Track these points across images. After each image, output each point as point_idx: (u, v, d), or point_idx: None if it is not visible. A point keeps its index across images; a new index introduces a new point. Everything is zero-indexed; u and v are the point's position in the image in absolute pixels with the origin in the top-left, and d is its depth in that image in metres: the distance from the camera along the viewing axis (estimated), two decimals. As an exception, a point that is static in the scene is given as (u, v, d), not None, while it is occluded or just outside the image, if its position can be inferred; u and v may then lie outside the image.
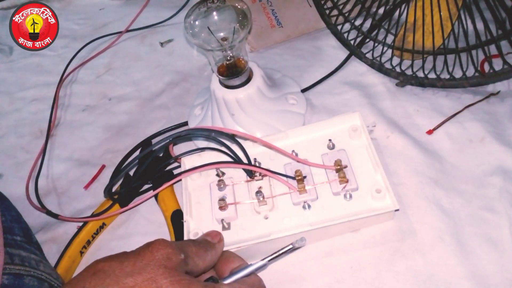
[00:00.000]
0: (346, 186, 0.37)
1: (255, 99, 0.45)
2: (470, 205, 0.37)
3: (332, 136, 0.41)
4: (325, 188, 0.38)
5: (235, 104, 0.45)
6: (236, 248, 0.36)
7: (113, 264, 0.29)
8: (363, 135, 0.40)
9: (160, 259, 0.29)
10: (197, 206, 0.41)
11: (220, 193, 0.40)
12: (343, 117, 0.42)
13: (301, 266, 0.37)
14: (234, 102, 0.44)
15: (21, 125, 0.58)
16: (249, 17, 0.43)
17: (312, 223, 0.36)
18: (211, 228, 0.38)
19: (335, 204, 0.37)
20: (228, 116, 0.45)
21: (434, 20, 0.45)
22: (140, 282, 0.28)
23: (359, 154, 0.39)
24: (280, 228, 0.37)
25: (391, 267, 0.35)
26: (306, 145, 0.42)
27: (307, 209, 0.37)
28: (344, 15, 0.52)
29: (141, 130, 0.52)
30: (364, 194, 0.37)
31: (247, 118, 0.45)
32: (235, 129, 0.44)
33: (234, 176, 0.41)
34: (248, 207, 0.39)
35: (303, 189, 0.38)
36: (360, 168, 0.39)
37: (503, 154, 0.40)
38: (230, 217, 0.39)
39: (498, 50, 0.42)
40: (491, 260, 0.34)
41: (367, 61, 0.51)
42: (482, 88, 0.46)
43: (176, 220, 0.41)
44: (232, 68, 0.44)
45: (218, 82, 0.45)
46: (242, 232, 0.38)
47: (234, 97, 0.44)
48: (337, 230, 0.37)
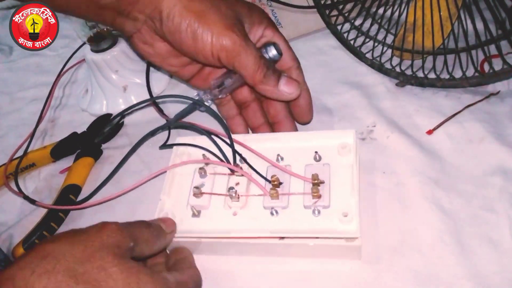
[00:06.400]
0: (317, 202, 0.36)
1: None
2: (470, 205, 0.37)
3: (321, 149, 0.40)
4: (298, 199, 0.37)
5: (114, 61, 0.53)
6: (195, 239, 0.37)
7: (62, 248, 0.28)
8: (351, 154, 0.39)
9: (110, 246, 0.29)
10: (176, 187, 0.41)
11: (200, 181, 0.40)
12: (337, 132, 0.41)
13: (301, 267, 0.37)
14: (112, 60, 0.53)
15: (21, 125, 0.58)
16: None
17: (273, 230, 0.35)
18: (182, 211, 0.39)
19: (302, 217, 0.36)
20: (111, 73, 0.54)
21: (434, 20, 0.45)
22: (90, 269, 0.28)
23: (342, 173, 0.38)
24: (242, 228, 0.37)
25: (391, 267, 0.35)
26: (294, 152, 0.41)
27: (274, 215, 0.37)
28: (344, 15, 0.52)
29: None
30: (332, 213, 0.35)
31: (131, 73, 0.54)
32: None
33: (217, 167, 0.41)
34: (222, 200, 0.39)
35: (275, 194, 0.37)
36: (338, 187, 0.37)
37: (503, 154, 0.40)
38: (202, 205, 0.39)
39: (498, 50, 0.42)
40: (491, 260, 0.34)
41: (367, 61, 0.51)
42: (482, 88, 0.46)
43: (66, 193, 0.45)
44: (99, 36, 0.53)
45: (89, 50, 0.53)
46: (209, 223, 0.38)
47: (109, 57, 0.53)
48: (298, 249, 0.36)
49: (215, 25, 0.37)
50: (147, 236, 0.33)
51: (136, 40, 0.42)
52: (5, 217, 0.48)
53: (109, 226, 0.30)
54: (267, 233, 0.35)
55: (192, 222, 0.38)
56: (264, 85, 0.39)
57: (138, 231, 0.33)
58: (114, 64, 0.53)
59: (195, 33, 0.37)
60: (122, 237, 0.30)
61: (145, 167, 0.48)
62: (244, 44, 0.38)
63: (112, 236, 0.30)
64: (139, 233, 0.32)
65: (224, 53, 0.38)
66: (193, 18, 0.37)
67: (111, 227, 0.30)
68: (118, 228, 0.30)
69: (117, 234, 0.30)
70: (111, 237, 0.30)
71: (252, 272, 0.37)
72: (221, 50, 0.38)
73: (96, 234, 0.30)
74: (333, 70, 0.53)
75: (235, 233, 0.36)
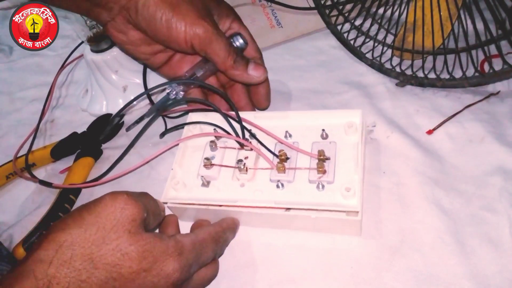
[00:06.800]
0: (322, 177, 0.38)
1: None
2: (470, 205, 0.37)
3: (328, 127, 0.41)
4: (303, 173, 0.39)
5: (114, 62, 0.53)
6: (204, 207, 0.39)
7: (75, 234, 0.28)
8: (357, 133, 0.40)
9: (125, 221, 0.29)
10: (188, 159, 0.43)
11: (211, 153, 0.42)
12: (345, 111, 0.42)
13: (301, 267, 0.37)
14: (112, 60, 0.53)
15: (21, 125, 0.58)
16: None
17: (277, 201, 0.37)
18: (193, 181, 0.41)
19: (306, 191, 0.38)
20: (111, 73, 0.54)
21: (434, 20, 0.45)
22: (106, 252, 0.28)
23: (347, 151, 0.39)
24: (248, 197, 0.38)
25: (391, 267, 0.35)
26: (303, 129, 0.42)
27: (280, 188, 0.38)
28: (344, 15, 0.52)
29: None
30: (336, 189, 0.37)
31: (131, 73, 0.54)
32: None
33: (228, 141, 0.43)
34: (231, 172, 0.41)
35: (282, 168, 0.39)
36: (343, 164, 0.39)
37: (503, 154, 0.40)
38: (212, 176, 0.41)
39: (498, 50, 0.42)
40: (491, 260, 0.34)
41: (367, 61, 0.51)
42: (482, 88, 0.46)
43: (66, 193, 0.45)
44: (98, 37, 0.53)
45: (89, 51, 0.53)
46: (217, 193, 0.40)
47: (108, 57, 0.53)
48: (301, 221, 0.38)
49: (188, 15, 0.40)
50: (154, 208, 0.33)
51: (111, 28, 0.43)
52: (5, 217, 0.48)
53: (121, 198, 0.30)
54: (272, 204, 0.37)
55: (201, 191, 0.40)
56: (235, 70, 0.42)
57: (147, 202, 0.33)
58: (114, 64, 0.53)
59: (169, 22, 0.40)
60: (137, 208, 0.30)
61: (147, 166, 0.48)
62: (216, 33, 0.40)
63: (126, 209, 0.29)
64: (148, 204, 0.32)
65: (197, 41, 0.40)
66: (168, 9, 0.40)
67: (123, 199, 0.30)
68: (130, 199, 0.30)
69: (131, 206, 0.30)
70: (126, 209, 0.29)
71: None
72: (194, 38, 0.40)
73: (107, 210, 0.29)
74: (333, 70, 0.53)
75: (241, 202, 0.38)
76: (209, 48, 0.41)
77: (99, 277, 0.27)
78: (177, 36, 0.40)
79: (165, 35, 0.41)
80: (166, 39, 0.41)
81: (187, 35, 0.40)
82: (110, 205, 0.29)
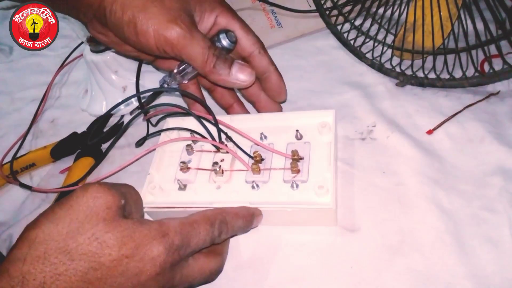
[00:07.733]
0: (296, 176, 0.38)
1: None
2: (470, 205, 0.37)
3: (302, 128, 0.42)
4: (278, 173, 0.39)
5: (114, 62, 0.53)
6: (181, 209, 0.39)
7: (47, 229, 0.27)
8: (330, 132, 0.41)
9: (99, 210, 0.28)
10: (165, 163, 0.43)
11: (188, 157, 0.43)
12: (318, 112, 0.43)
13: (301, 267, 0.37)
14: (111, 60, 0.53)
15: (21, 125, 0.58)
16: None
17: (252, 202, 0.38)
18: (169, 185, 0.41)
19: (281, 191, 0.38)
20: (111, 73, 0.54)
21: (434, 20, 0.45)
22: (82, 242, 0.27)
23: (321, 150, 0.40)
24: (224, 199, 0.39)
25: (391, 267, 0.35)
26: (278, 130, 0.43)
27: (255, 188, 0.39)
28: (344, 15, 0.52)
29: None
30: (310, 187, 0.38)
31: (130, 73, 0.54)
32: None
33: (205, 145, 0.43)
34: (207, 175, 0.41)
35: (257, 169, 0.39)
36: (316, 163, 0.39)
37: (503, 154, 0.40)
38: (188, 179, 0.41)
39: (498, 50, 0.42)
40: (491, 260, 0.34)
41: (367, 61, 0.51)
42: (482, 88, 0.46)
43: (66, 193, 0.44)
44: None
45: (89, 51, 0.53)
46: (194, 195, 0.40)
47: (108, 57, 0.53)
48: (278, 218, 0.38)
49: (157, 18, 0.36)
50: (135, 197, 0.32)
51: (91, 29, 0.42)
52: (5, 217, 0.48)
53: (92, 187, 0.29)
54: (247, 204, 0.38)
55: (178, 195, 0.40)
56: (215, 75, 0.39)
57: (127, 190, 0.32)
58: (113, 65, 0.54)
59: (136, 27, 0.37)
60: (110, 195, 0.29)
61: (143, 168, 0.47)
62: (189, 36, 0.37)
63: (99, 197, 0.28)
64: (128, 192, 0.32)
65: (169, 47, 0.37)
66: (135, 12, 0.36)
67: (95, 188, 0.29)
68: (103, 187, 0.29)
69: (104, 194, 0.28)
70: (98, 198, 0.28)
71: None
72: (165, 44, 0.37)
73: (79, 201, 0.28)
74: (333, 70, 0.53)
75: (217, 204, 0.38)
76: (184, 54, 0.37)
77: (78, 268, 0.26)
78: (147, 43, 0.37)
79: (135, 42, 0.38)
80: (138, 45, 0.38)
81: (156, 41, 0.37)
82: (82, 195, 0.28)
